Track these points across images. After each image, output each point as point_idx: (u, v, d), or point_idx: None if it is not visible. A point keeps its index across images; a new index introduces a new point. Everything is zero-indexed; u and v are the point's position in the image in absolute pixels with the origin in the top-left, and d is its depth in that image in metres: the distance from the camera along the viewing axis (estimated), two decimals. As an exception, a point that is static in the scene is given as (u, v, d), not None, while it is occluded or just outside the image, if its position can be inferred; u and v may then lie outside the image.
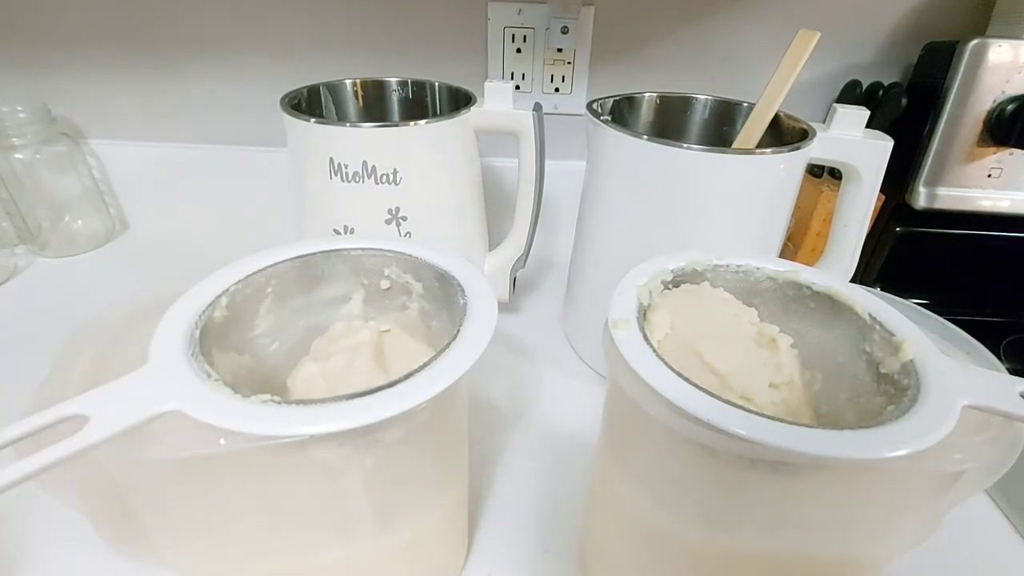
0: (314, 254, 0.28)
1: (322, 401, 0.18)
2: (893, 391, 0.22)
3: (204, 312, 0.23)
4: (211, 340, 0.23)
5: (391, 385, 0.19)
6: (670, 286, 0.27)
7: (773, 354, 0.26)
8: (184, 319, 0.22)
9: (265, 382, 0.27)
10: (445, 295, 0.27)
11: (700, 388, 0.19)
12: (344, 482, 0.22)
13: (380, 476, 0.22)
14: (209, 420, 0.17)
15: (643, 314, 0.25)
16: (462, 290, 0.26)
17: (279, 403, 0.18)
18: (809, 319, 0.27)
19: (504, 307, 0.55)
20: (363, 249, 0.29)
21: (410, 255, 0.29)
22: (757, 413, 0.18)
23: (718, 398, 0.19)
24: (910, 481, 0.21)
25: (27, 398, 0.20)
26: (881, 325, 0.24)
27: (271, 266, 0.27)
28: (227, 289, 0.25)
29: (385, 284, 0.30)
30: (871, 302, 0.25)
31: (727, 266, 0.28)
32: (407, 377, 0.20)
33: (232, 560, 0.24)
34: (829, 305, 0.26)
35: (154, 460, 0.19)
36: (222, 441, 0.18)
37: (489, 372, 0.47)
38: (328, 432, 0.18)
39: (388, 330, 0.30)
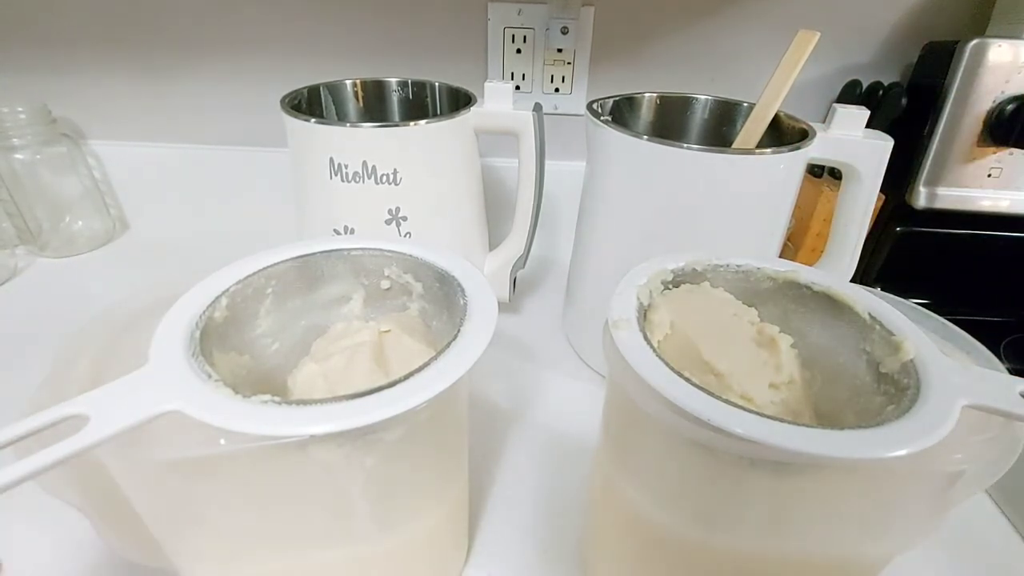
0: (314, 254, 0.28)
1: (322, 401, 0.18)
2: (893, 391, 0.22)
3: (204, 312, 0.23)
4: (211, 340, 0.23)
5: (391, 385, 0.19)
6: (670, 286, 0.27)
7: (773, 354, 0.26)
8: (184, 319, 0.22)
9: (265, 382, 0.27)
10: (445, 295, 0.27)
11: (700, 388, 0.19)
12: (344, 482, 0.22)
13: (380, 476, 0.22)
14: (210, 420, 0.17)
15: (643, 314, 0.25)
16: (462, 290, 0.25)
17: (279, 403, 0.18)
18: (809, 319, 0.27)
19: (504, 307, 0.55)
20: (363, 249, 0.29)
21: (410, 255, 0.29)
22: (757, 413, 0.18)
23: (718, 398, 0.19)
24: (910, 481, 0.21)
25: (27, 398, 0.20)
26: (881, 325, 0.24)
27: (271, 266, 0.27)
28: (227, 289, 0.25)
29: (385, 284, 0.30)
30: (871, 302, 0.25)
31: (727, 266, 0.28)
32: (407, 377, 0.20)
33: (232, 560, 0.24)
34: (829, 305, 0.26)
35: (154, 460, 0.19)
36: (222, 441, 0.18)
37: (489, 372, 0.47)
38: (329, 432, 0.18)
39: (388, 330, 0.30)
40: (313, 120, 0.39)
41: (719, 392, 0.19)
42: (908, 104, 0.49)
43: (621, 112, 0.46)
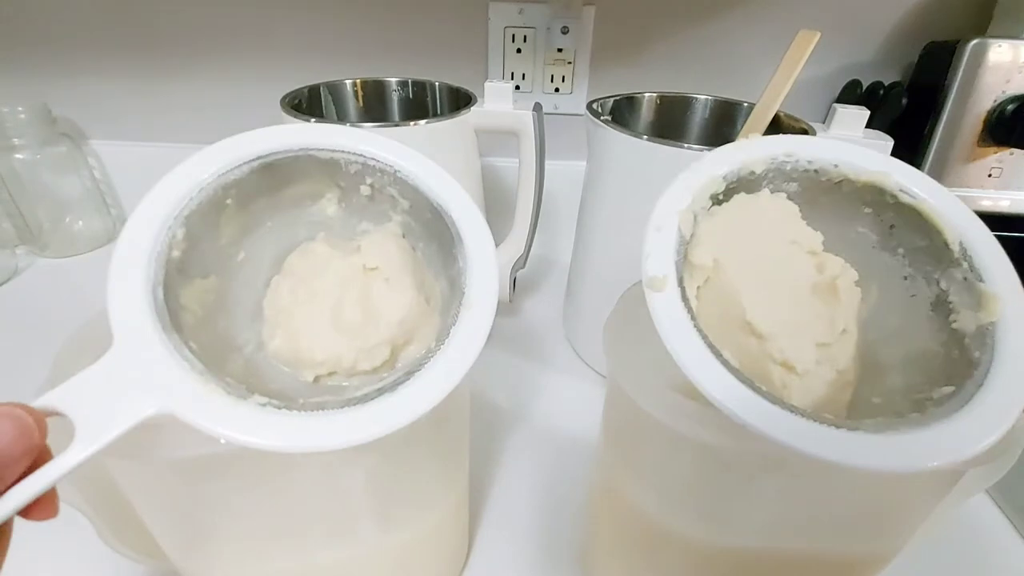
0: (279, 156, 0.23)
1: (326, 408, 0.18)
2: (958, 357, 0.18)
3: (160, 254, 0.19)
4: (175, 282, 0.20)
5: (395, 386, 0.18)
6: (720, 199, 0.22)
7: (829, 305, 0.22)
8: (140, 268, 0.19)
9: (238, 306, 0.24)
10: (436, 232, 0.24)
11: (737, 375, 0.17)
12: (345, 482, 0.22)
13: (381, 476, 0.22)
14: (203, 427, 0.16)
15: (684, 256, 0.21)
16: (459, 238, 0.22)
17: (279, 408, 0.17)
18: (884, 229, 0.22)
19: (504, 307, 0.55)
20: (339, 151, 0.24)
21: (400, 176, 0.24)
22: (791, 409, 0.17)
23: (751, 386, 0.17)
24: (912, 481, 0.21)
25: (27, 399, 0.20)
26: (971, 263, 0.19)
27: (228, 172, 0.22)
28: (180, 214, 0.20)
29: (366, 191, 0.25)
30: (969, 229, 0.20)
31: (795, 164, 0.22)
32: (413, 375, 0.19)
33: (232, 560, 0.24)
34: (915, 219, 0.21)
35: (154, 460, 0.19)
36: (223, 441, 0.17)
37: (489, 372, 0.47)
38: (335, 448, 0.17)
39: (376, 268, 0.25)
40: (313, 120, 0.39)
41: (757, 359, 0.17)
42: (908, 104, 0.49)
43: (621, 112, 0.46)
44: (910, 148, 0.49)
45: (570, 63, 0.57)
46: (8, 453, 0.14)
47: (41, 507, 0.15)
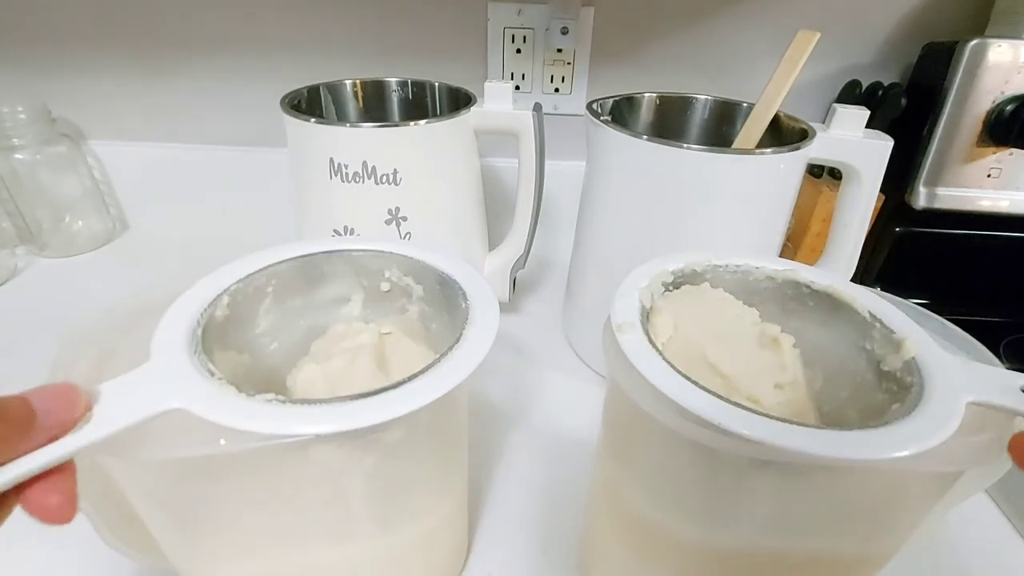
0: (315, 254, 0.28)
1: (327, 401, 0.18)
2: (896, 388, 0.22)
3: (206, 311, 0.23)
4: (212, 339, 0.23)
5: (395, 387, 0.19)
6: (671, 287, 0.27)
7: (776, 354, 0.26)
8: (185, 317, 0.22)
9: (265, 381, 0.27)
10: (446, 298, 0.27)
11: (711, 392, 0.19)
12: (344, 482, 0.22)
13: (380, 477, 0.22)
14: (214, 419, 0.17)
15: (646, 316, 0.25)
16: (464, 294, 0.25)
17: (284, 402, 0.18)
18: (809, 318, 0.27)
19: (504, 307, 0.55)
20: (364, 250, 0.29)
21: (411, 257, 0.29)
22: (770, 416, 0.18)
23: (730, 402, 0.19)
24: (910, 481, 0.21)
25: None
26: (881, 323, 0.24)
27: (272, 265, 0.27)
28: (228, 288, 0.25)
29: (385, 286, 0.30)
30: (870, 300, 0.25)
31: (726, 266, 0.28)
32: (411, 379, 0.20)
33: (232, 560, 0.24)
34: (829, 303, 0.26)
35: (154, 460, 0.19)
36: (222, 441, 0.18)
37: (489, 372, 0.47)
38: (333, 432, 0.18)
39: (389, 332, 0.29)
40: (313, 120, 0.39)
41: (726, 394, 0.19)
42: (908, 104, 0.49)
43: (621, 112, 0.46)
44: (909, 148, 0.49)
45: (569, 63, 0.57)
46: (47, 412, 0.15)
47: (58, 493, 0.16)
